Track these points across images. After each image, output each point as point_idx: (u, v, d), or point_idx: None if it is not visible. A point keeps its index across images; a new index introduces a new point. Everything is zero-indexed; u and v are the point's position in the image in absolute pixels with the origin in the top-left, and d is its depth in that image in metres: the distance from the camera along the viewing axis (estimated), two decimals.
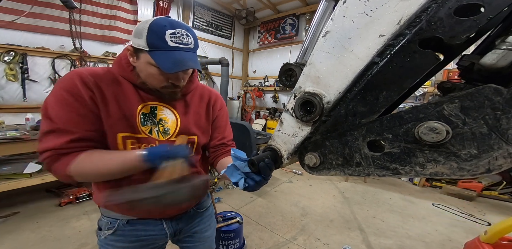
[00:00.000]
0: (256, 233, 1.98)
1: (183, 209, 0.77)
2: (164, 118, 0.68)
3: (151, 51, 0.55)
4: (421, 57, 0.33)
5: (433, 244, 1.92)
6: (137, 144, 0.63)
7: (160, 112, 0.67)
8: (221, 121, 0.84)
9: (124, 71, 0.63)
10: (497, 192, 2.78)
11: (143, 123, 0.64)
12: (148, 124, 0.65)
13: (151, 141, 0.65)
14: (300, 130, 0.48)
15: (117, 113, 0.60)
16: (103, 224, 0.73)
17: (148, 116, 0.65)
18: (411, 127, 0.33)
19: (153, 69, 0.58)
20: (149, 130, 0.65)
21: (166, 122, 0.68)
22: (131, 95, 0.63)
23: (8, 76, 2.52)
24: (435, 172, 0.32)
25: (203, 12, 4.58)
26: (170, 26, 0.54)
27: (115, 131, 0.60)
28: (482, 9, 0.28)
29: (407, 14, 0.33)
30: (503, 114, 0.27)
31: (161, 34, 0.53)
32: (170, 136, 0.68)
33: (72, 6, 2.38)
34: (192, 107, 0.74)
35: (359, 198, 2.76)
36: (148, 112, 0.65)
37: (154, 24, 0.54)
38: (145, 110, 0.65)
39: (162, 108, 0.68)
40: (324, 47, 0.41)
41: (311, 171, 0.47)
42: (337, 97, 0.41)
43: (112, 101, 0.60)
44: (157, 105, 0.67)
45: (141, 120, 0.63)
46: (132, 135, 0.62)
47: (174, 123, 0.69)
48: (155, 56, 0.55)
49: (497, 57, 0.31)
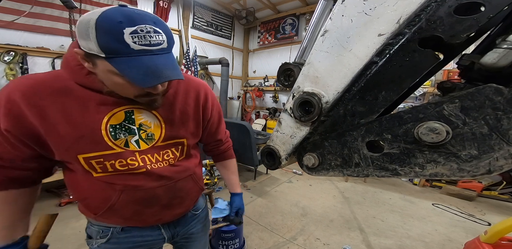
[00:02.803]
0: (256, 233, 1.98)
1: (180, 214, 0.73)
2: (144, 123, 0.56)
3: (109, 58, 0.40)
4: (420, 56, 0.32)
5: (433, 244, 1.91)
6: (106, 162, 0.53)
7: (138, 116, 0.55)
8: (215, 118, 0.75)
9: (77, 76, 0.48)
10: (497, 192, 2.78)
11: (115, 136, 0.53)
12: (122, 136, 0.54)
13: (129, 154, 0.55)
14: (299, 131, 0.47)
15: (72, 133, 0.49)
16: (93, 233, 0.66)
17: (121, 126, 0.54)
18: (410, 128, 0.32)
19: (118, 78, 0.44)
20: (123, 142, 0.54)
21: (148, 127, 0.57)
22: (90, 105, 0.50)
23: (8, 76, 2.52)
24: (435, 173, 0.31)
25: (203, 12, 4.58)
26: (127, 21, 0.39)
27: (74, 154, 0.50)
28: (482, 8, 0.28)
29: (406, 13, 0.32)
30: (504, 114, 0.26)
31: (117, 34, 0.38)
32: (156, 142, 0.59)
33: (72, 6, 2.38)
34: (177, 105, 0.61)
35: (359, 198, 2.76)
36: (122, 120, 0.54)
37: (104, 20, 0.38)
38: (114, 120, 0.53)
39: (140, 111, 0.56)
40: (323, 46, 0.41)
41: (310, 171, 0.46)
42: (336, 97, 0.41)
43: (61, 120, 0.48)
44: (133, 109, 0.54)
45: (111, 134, 0.52)
46: (99, 153, 0.52)
47: (158, 127, 0.58)
48: (117, 64, 0.41)
49: (498, 56, 0.30)
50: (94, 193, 0.58)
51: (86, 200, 0.60)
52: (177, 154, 0.64)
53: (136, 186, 0.58)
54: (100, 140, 0.51)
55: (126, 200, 0.58)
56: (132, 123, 0.55)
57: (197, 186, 0.74)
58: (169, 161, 0.63)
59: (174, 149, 0.64)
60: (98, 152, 0.52)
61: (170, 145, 0.62)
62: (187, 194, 0.71)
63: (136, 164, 0.57)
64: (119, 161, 0.54)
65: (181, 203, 0.70)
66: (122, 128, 0.54)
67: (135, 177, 0.58)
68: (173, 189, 0.65)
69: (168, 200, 0.65)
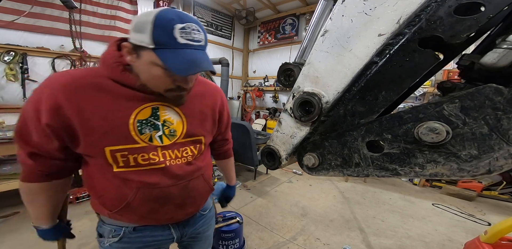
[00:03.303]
0: (256, 233, 1.98)
1: (191, 214, 0.75)
2: (168, 119, 0.61)
3: (157, 49, 0.46)
4: (420, 56, 0.32)
5: (433, 244, 1.91)
6: (129, 156, 0.57)
7: (163, 112, 0.60)
8: (225, 120, 0.82)
9: (113, 72, 0.53)
10: (497, 192, 2.78)
11: (141, 131, 0.57)
12: (147, 131, 0.58)
13: (151, 149, 0.59)
14: (299, 131, 0.47)
15: (102, 126, 0.53)
16: (105, 232, 0.69)
17: (147, 122, 0.58)
18: (410, 128, 0.32)
19: (157, 70, 0.50)
20: (148, 137, 0.58)
21: (171, 123, 0.62)
22: (121, 101, 0.55)
23: (8, 76, 2.53)
24: (435, 173, 0.31)
25: (203, 12, 4.58)
26: (179, 19, 0.46)
27: (101, 146, 0.54)
28: (482, 8, 0.28)
29: (406, 13, 0.32)
30: (504, 114, 0.26)
31: (169, 29, 0.45)
32: (177, 138, 0.63)
33: (72, 6, 2.38)
34: (196, 105, 0.68)
35: (359, 198, 2.76)
36: (148, 116, 0.58)
37: (161, 17, 0.45)
38: (142, 115, 0.57)
39: (165, 108, 0.61)
40: (323, 46, 0.41)
41: (310, 171, 0.46)
42: (336, 97, 0.41)
43: (94, 114, 0.52)
44: (158, 106, 0.59)
45: (137, 128, 0.56)
46: (125, 147, 0.55)
47: (180, 124, 0.63)
48: (163, 55, 0.47)
49: (498, 56, 0.30)
50: (111, 190, 0.60)
51: (103, 197, 0.62)
52: (195, 151, 0.68)
53: (152, 183, 0.60)
54: (127, 134, 0.55)
55: (143, 198, 0.60)
56: (157, 119, 0.59)
57: (207, 186, 0.76)
58: (187, 158, 0.66)
59: (193, 147, 0.67)
60: (124, 145, 0.55)
61: (189, 143, 0.66)
62: (199, 194, 0.73)
63: (157, 159, 0.59)
64: (142, 155, 0.57)
65: (193, 202, 0.72)
66: (148, 123, 0.58)
67: (152, 174, 0.60)
68: (186, 188, 0.67)
69: (181, 199, 0.67)
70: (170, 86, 0.54)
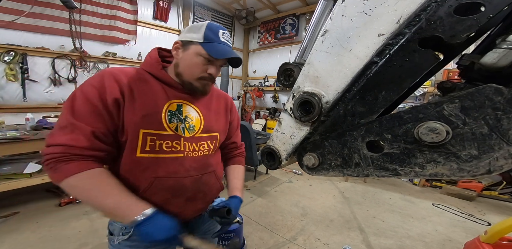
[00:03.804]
0: (256, 233, 1.98)
1: (200, 210, 0.79)
2: (189, 116, 0.71)
3: (204, 43, 0.63)
4: (420, 56, 0.32)
5: (433, 244, 1.91)
6: (157, 141, 0.64)
7: (185, 109, 0.71)
8: (235, 123, 0.91)
9: (154, 69, 0.67)
10: (497, 192, 2.78)
11: (170, 120, 0.66)
12: (175, 121, 0.67)
13: (175, 138, 0.67)
14: (299, 130, 0.47)
15: (143, 109, 0.62)
16: (115, 230, 0.71)
17: (175, 113, 0.68)
18: (410, 128, 0.32)
19: (199, 59, 0.64)
20: (175, 127, 0.67)
21: (191, 119, 0.72)
22: (158, 92, 0.66)
23: (8, 76, 2.53)
24: (435, 173, 0.31)
25: (203, 12, 4.58)
26: (221, 28, 0.68)
27: (138, 127, 0.61)
28: (482, 8, 0.28)
29: (406, 13, 0.32)
30: (504, 114, 0.26)
31: (216, 31, 0.65)
32: (196, 133, 0.72)
33: (72, 6, 2.38)
34: (212, 107, 0.79)
35: (359, 198, 2.76)
36: (175, 109, 0.68)
37: (211, 24, 0.67)
38: (171, 107, 0.68)
39: (187, 106, 0.72)
40: (323, 46, 0.41)
41: (310, 171, 0.46)
42: (336, 97, 0.41)
43: (139, 98, 0.62)
44: (182, 103, 0.70)
45: (167, 117, 0.66)
46: (156, 132, 0.64)
47: (198, 121, 0.73)
48: (208, 46, 0.63)
49: (498, 56, 0.30)
50: (129, 177, 0.64)
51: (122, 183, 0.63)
52: (211, 146, 0.75)
53: (170, 173, 0.66)
54: (160, 120, 0.64)
55: (158, 187, 0.65)
56: (181, 114, 0.70)
57: (218, 183, 0.80)
58: (203, 152, 0.73)
59: (209, 142, 0.75)
60: (156, 130, 0.64)
61: (207, 138, 0.74)
62: (209, 190, 0.77)
63: (178, 148, 0.67)
64: (167, 142, 0.66)
65: (203, 198, 0.75)
66: (175, 115, 0.68)
67: (170, 164, 0.66)
68: (199, 182, 0.72)
69: (193, 192, 0.71)
70: (203, 73, 0.67)
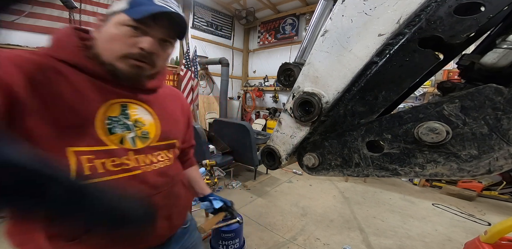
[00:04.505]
0: (256, 233, 1.98)
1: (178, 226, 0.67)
2: (139, 119, 0.52)
3: (129, 9, 0.43)
4: (420, 56, 0.32)
5: (433, 244, 1.91)
6: (96, 161, 0.44)
7: (133, 111, 0.51)
8: (191, 123, 0.76)
9: (73, 55, 0.44)
10: (497, 192, 2.78)
11: (111, 130, 0.47)
12: (118, 131, 0.48)
13: (120, 153, 0.48)
14: (299, 131, 0.47)
15: (65, 118, 0.41)
16: None
17: (117, 119, 0.48)
18: (410, 128, 0.32)
19: (121, 29, 0.43)
20: (119, 139, 0.48)
21: (143, 124, 0.53)
22: (86, 91, 0.44)
23: None
24: (435, 173, 0.31)
25: (203, 12, 4.58)
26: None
27: (63, 144, 0.41)
28: (482, 8, 0.28)
29: (406, 13, 0.32)
30: (504, 114, 0.26)
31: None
32: (151, 141, 0.54)
33: (72, 6, 2.38)
34: (168, 106, 0.62)
35: (359, 198, 2.76)
36: (118, 114, 0.49)
37: None
38: (111, 112, 0.48)
39: (135, 107, 0.52)
40: (323, 46, 0.41)
41: (310, 171, 0.46)
42: (336, 97, 0.41)
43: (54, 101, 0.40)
44: (127, 103, 0.51)
45: (107, 126, 0.46)
46: (90, 149, 0.44)
47: (153, 126, 0.55)
48: (132, 11, 0.43)
49: (498, 57, 0.30)
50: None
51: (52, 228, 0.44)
52: (170, 156, 0.60)
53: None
54: (93, 132, 0.44)
55: None
56: (127, 118, 0.50)
57: (189, 193, 0.71)
58: (165, 162, 0.58)
59: (167, 151, 0.59)
60: (90, 147, 0.44)
61: (164, 146, 0.57)
62: (183, 202, 0.66)
63: (130, 165, 0.50)
64: (112, 160, 0.47)
65: (179, 212, 0.64)
66: (120, 121, 0.49)
67: (130, 184, 0.49)
68: (170, 196, 0.59)
69: (167, 209, 0.58)
70: (130, 49, 0.44)
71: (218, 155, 3.00)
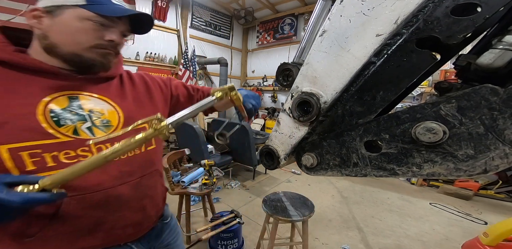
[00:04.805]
0: (255, 233, 1.98)
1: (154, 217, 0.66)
2: (95, 109, 0.52)
3: (88, 5, 0.46)
4: (418, 56, 0.33)
5: (430, 243, 1.92)
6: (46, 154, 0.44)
7: (85, 103, 0.51)
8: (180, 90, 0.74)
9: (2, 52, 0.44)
10: (494, 191, 2.81)
11: (59, 122, 0.46)
12: (69, 123, 0.47)
13: (76, 145, 0.47)
14: (297, 130, 0.48)
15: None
16: None
17: (66, 111, 0.48)
18: (408, 127, 0.33)
19: (85, 23, 0.46)
20: (72, 130, 0.47)
21: (101, 114, 0.52)
22: (19, 86, 0.44)
23: None
24: (432, 173, 0.32)
25: (201, 12, 4.57)
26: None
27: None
28: (479, 9, 0.28)
29: (404, 13, 0.33)
30: (500, 114, 0.26)
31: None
32: (115, 128, 0.53)
33: None
34: (128, 94, 0.60)
35: (358, 197, 2.77)
36: (65, 106, 0.48)
37: None
38: (57, 104, 0.47)
39: (87, 98, 0.52)
40: (321, 46, 0.41)
41: (309, 171, 0.47)
42: (334, 97, 0.41)
43: None
44: (77, 95, 0.50)
45: (52, 119, 0.46)
46: (36, 143, 0.43)
47: (114, 113, 0.54)
48: (95, 7, 0.46)
49: (494, 57, 0.31)
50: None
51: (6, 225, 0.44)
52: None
53: (89, 187, 0.48)
54: (35, 126, 0.44)
55: (79, 208, 0.47)
56: (80, 109, 0.50)
57: (163, 186, 0.70)
58: (134, 151, 0.56)
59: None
60: (34, 141, 0.43)
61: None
62: (155, 193, 0.64)
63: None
64: (65, 152, 0.46)
65: (152, 203, 0.63)
66: (68, 113, 0.48)
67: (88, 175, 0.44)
68: (140, 187, 0.57)
69: (137, 200, 0.57)
70: (98, 40, 0.48)
71: (217, 155, 3.00)
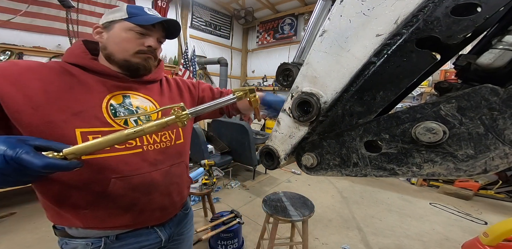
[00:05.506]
0: (255, 233, 1.98)
1: (179, 202, 0.74)
2: (141, 106, 0.64)
3: (130, 18, 0.57)
4: (418, 56, 0.32)
5: (430, 243, 1.93)
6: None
7: (134, 101, 0.63)
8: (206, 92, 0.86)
9: (82, 59, 0.58)
10: (493, 191, 2.81)
11: (115, 114, 0.58)
12: (122, 115, 0.59)
13: None
14: (297, 130, 0.47)
15: (72, 106, 0.52)
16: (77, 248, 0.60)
17: (121, 106, 0.60)
18: (408, 127, 0.32)
19: (129, 33, 0.58)
20: (123, 121, 0.59)
21: (145, 110, 0.64)
22: (92, 86, 0.57)
23: None
24: (432, 173, 0.32)
25: (201, 12, 4.56)
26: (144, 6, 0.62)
27: (71, 126, 0.52)
28: (479, 9, 0.28)
29: (404, 13, 0.33)
30: (500, 114, 0.26)
31: (140, 7, 0.61)
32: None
33: (69, 5, 2.36)
34: (165, 92, 0.72)
35: (358, 197, 2.77)
36: (120, 102, 0.60)
37: (131, 5, 0.62)
38: (115, 100, 0.60)
39: (136, 97, 0.64)
40: (321, 46, 0.41)
41: (309, 171, 0.46)
42: (334, 97, 0.41)
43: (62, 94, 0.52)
44: (129, 94, 0.63)
45: (111, 112, 0.58)
46: (98, 129, 0.54)
47: (154, 109, 0.65)
48: (135, 19, 0.57)
49: (494, 57, 0.31)
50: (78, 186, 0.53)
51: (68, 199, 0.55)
52: (173, 136, 0.69)
53: (131, 171, 0.58)
54: (100, 116, 0.56)
55: (122, 187, 0.57)
56: (130, 105, 0.62)
57: (188, 176, 0.78)
58: (166, 143, 0.66)
59: (170, 131, 0.68)
60: (97, 128, 0.55)
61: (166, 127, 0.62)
62: (181, 181, 0.73)
63: (133, 143, 0.59)
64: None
65: (177, 190, 0.71)
66: (122, 107, 0.60)
67: (130, 160, 0.58)
68: (169, 174, 0.67)
69: (165, 186, 0.66)
70: (140, 47, 0.59)
71: (217, 155, 3.00)
